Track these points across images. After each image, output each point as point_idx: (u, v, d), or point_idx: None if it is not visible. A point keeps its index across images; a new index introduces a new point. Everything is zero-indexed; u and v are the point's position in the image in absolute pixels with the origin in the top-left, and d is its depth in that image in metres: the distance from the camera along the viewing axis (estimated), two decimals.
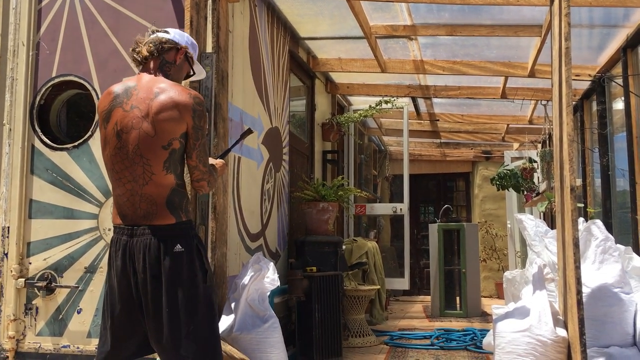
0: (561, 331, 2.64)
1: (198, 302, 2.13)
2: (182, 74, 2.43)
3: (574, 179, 2.60)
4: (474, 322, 6.27)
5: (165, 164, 2.17)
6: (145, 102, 2.19)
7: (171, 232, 2.15)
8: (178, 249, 2.12)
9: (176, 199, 2.19)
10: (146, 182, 2.17)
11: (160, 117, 2.16)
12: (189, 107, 2.18)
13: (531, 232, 3.51)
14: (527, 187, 6.59)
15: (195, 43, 2.49)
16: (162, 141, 2.16)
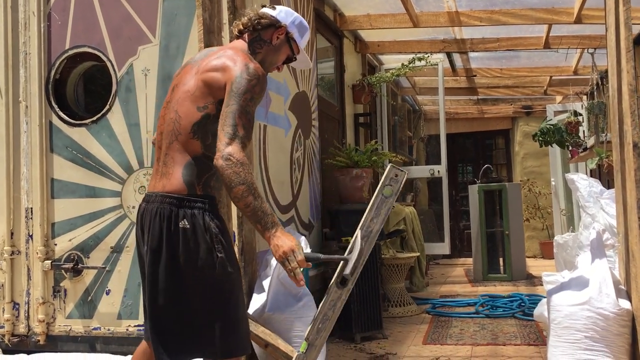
0: (624, 303, 2.39)
1: (198, 287, 1.91)
2: (278, 56, 2.17)
3: (637, 134, 2.31)
4: (520, 286, 6.02)
5: (194, 127, 1.95)
6: (204, 61, 2.01)
7: (179, 204, 1.92)
8: (183, 225, 1.90)
9: (196, 168, 1.95)
10: (171, 142, 1.98)
11: (205, 77, 1.96)
12: (233, 72, 1.92)
13: (584, 193, 3.22)
14: (572, 143, 6.23)
15: (305, 25, 2.21)
16: (198, 101, 1.96)
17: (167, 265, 1.90)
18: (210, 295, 1.90)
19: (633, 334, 2.41)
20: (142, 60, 3.27)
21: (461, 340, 3.74)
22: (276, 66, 2.21)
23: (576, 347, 2.40)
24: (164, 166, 1.99)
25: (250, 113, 1.90)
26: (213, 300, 1.91)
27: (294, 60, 2.23)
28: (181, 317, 1.92)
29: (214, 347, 1.91)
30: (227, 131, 1.85)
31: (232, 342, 1.92)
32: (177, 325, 1.92)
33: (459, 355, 3.35)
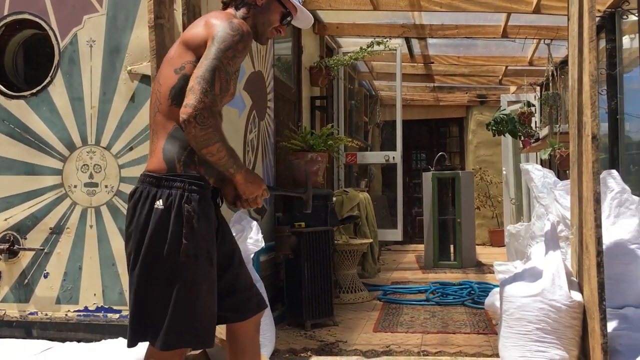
0: (576, 295, 2.39)
1: (161, 273, 1.79)
2: (269, 16, 2.03)
3: (596, 127, 2.29)
4: (469, 273, 6.09)
5: (172, 92, 1.81)
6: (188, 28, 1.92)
7: (157, 184, 1.80)
8: (157, 206, 1.77)
9: (178, 141, 1.81)
10: (154, 114, 1.87)
11: (185, 36, 1.87)
12: (215, 27, 1.80)
13: (538, 184, 3.22)
14: (524, 133, 6.30)
15: None
16: (175, 63, 1.83)
17: (136, 248, 1.79)
18: (169, 283, 1.78)
19: (584, 326, 2.41)
20: (87, 31, 3.07)
21: (412, 328, 3.72)
22: (274, 28, 2.06)
23: (527, 338, 2.39)
24: (151, 143, 1.90)
25: (229, 74, 1.78)
26: (170, 289, 1.78)
27: (290, 17, 2.07)
28: (140, 302, 1.81)
29: (157, 337, 1.79)
30: (203, 87, 1.72)
31: (180, 335, 1.80)
32: (137, 309, 1.83)
33: (409, 344, 3.32)
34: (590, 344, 2.35)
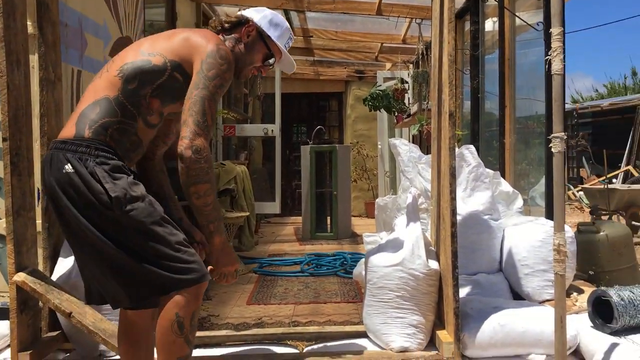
0: (433, 264, 2.53)
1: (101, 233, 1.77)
2: (253, 56, 2.09)
3: (453, 104, 2.41)
4: (344, 244, 6.26)
5: (127, 65, 1.85)
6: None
7: (62, 147, 1.81)
8: (67, 170, 1.77)
9: (96, 109, 1.82)
10: (93, 81, 1.91)
11: (173, 35, 1.96)
12: (205, 48, 1.89)
13: (405, 158, 3.36)
14: (398, 109, 6.54)
15: (279, 22, 2.13)
16: (147, 47, 1.91)
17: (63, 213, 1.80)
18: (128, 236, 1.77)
19: (440, 292, 2.56)
20: None
21: (285, 299, 3.76)
22: (255, 67, 2.12)
23: (388, 306, 2.50)
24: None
25: (216, 102, 1.85)
26: (135, 242, 1.77)
27: (273, 59, 2.14)
28: (95, 265, 1.83)
29: (112, 294, 1.85)
30: (196, 119, 1.78)
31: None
32: (97, 272, 1.83)
33: (281, 315, 3.36)
34: (445, 309, 2.50)
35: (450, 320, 2.43)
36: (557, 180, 2.06)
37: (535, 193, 4.20)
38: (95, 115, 1.81)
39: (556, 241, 2.04)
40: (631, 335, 2.36)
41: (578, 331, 2.46)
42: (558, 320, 2.07)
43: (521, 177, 4.59)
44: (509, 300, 2.84)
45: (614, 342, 2.28)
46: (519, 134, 4.48)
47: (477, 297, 2.80)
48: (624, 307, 2.36)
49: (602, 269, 3.37)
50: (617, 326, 2.36)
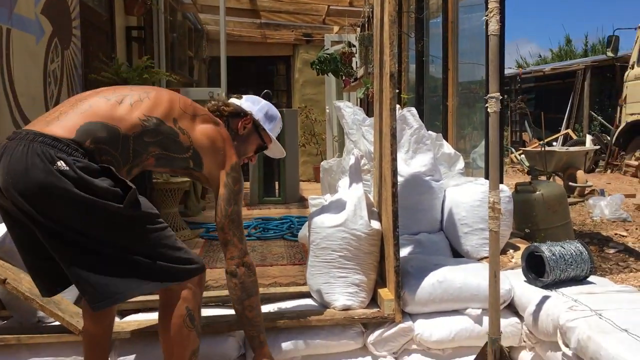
0: (375, 224, 2.57)
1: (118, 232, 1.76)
2: (247, 147, 2.18)
3: (394, 65, 2.42)
4: (292, 208, 6.28)
5: (150, 120, 1.85)
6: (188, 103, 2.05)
7: (54, 145, 1.69)
8: (61, 167, 1.67)
9: (103, 134, 1.77)
10: (107, 97, 1.87)
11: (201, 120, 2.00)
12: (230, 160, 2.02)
13: (349, 120, 3.37)
14: (345, 72, 6.53)
15: (274, 114, 2.23)
16: (176, 112, 1.93)
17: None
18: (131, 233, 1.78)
19: (381, 251, 2.61)
20: None
21: None
22: (247, 157, 2.17)
23: (331, 266, 2.53)
24: (58, 113, 1.79)
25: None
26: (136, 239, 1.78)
27: (265, 149, 2.23)
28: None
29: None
30: (240, 237, 1.97)
31: (160, 271, 1.78)
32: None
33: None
34: (386, 267, 2.56)
35: (391, 279, 2.49)
36: (492, 139, 2.11)
37: (476, 155, 4.30)
38: (101, 137, 1.74)
39: (491, 199, 2.10)
40: (562, 288, 2.47)
41: (512, 286, 2.56)
42: (492, 275, 2.14)
43: (465, 141, 4.69)
44: (448, 258, 2.93)
45: (546, 295, 2.39)
46: (463, 98, 4.55)
47: (418, 255, 2.87)
48: (555, 261, 2.47)
49: (538, 226, 3.51)
50: (548, 280, 2.47)
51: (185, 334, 1.83)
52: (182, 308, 1.82)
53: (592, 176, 9.33)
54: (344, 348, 2.47)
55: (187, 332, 1.84)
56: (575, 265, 2.51)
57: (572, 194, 6.99)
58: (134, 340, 2.34)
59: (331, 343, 2.44)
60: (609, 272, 3.54)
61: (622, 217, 5.33)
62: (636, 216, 5.56)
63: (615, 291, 2.46)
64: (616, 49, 10.49)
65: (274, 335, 2.42)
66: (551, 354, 2.28)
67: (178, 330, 1.82)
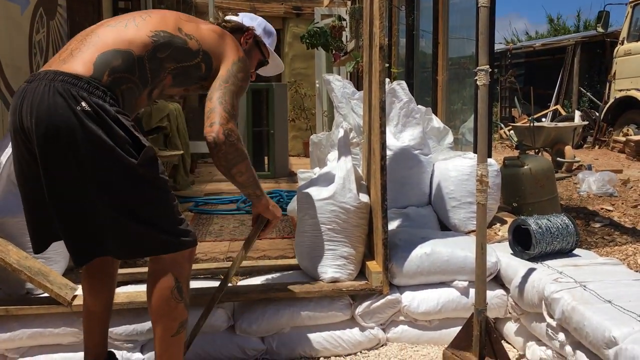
0: (364, 197, 2.58)
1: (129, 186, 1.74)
2: (250, 62, 2.14)
3: (384, 37, 2.40)
4: (281, 183, 6.28)
5: (160, 35, 1.83)
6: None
7: (75, 83, 1.68)
8: (83, 107, 1.66)
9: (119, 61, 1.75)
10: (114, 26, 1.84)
11: (210, 28, 2.01)
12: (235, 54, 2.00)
13: (338, 94, 3.35)
14: (335, 46, 6.49)
15: (271, 30, 2.24)
16: (184, 27, 1.92)
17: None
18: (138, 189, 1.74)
19: (370, 224, 2.62)
20: None
21: (220, 236, 3.77)
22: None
23: (320, 239, 2.54)
24: (75, 50, 1.74)
25: (238, 102, 1.94)
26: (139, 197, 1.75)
27: (266, 64, 2.25)
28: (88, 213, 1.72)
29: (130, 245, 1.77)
30: (226, 107, 1.86)
31: (158, 239, 1.77)
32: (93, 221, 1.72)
33: (216, 251, 3.37)
34: (374, 240, 2.57)
35: (379, 251, 2.51)
36: (481, 112, 2.11)
37: (465, 130, 4.31)
38: (117, 66, 1.72)
39: (479, 172, 2.11)
40: (547, 260, 2.50)
41: (499, 258, 2.59)
42: (479, 247, 2.16)
43: (454, 116, 4.69)
44: (435, 231, 2.95)
45: (531, 267, 2.42)
46: (453, 73, 4.54)
47: (406, 229, 2.89)
48: (541, 234, 2.50)
49: (525, 200, 3.53)
50: (534, 252, 2.50)
51: (173, 306, 1.82)
52: (170, 280, 1.80)
53: (580, 152, 9.38)
54: (332, 319, 2.50)
55: (175, 303, 1.82)
56: (561, 238, 2.54)
57: (560, 169, 7.04)
58: (123, 312, 2.35)
59: (319, 315, 2.47)
60: (594, 246, 3.59)
61: (609, 192, 5.38)
62: (622, 191, 5.61)
63: (599, 264, 2.49)
64: (606, 24, 10.47)
65: (263, 306, 2.44)
66: (536, 324, 2.32)
67: (166, 301, 1.81)
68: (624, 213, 4.61)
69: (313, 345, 2.47)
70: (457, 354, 2.21)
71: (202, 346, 2.39)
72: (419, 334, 2.55)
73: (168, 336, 1.84)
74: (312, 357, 2.47)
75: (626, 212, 4.66)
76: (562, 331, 2.13)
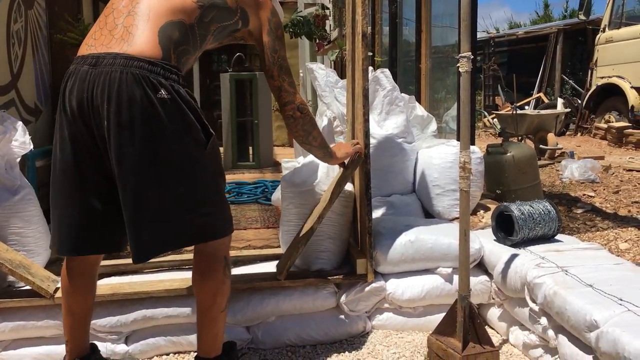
0: (348, 185, 2.58)
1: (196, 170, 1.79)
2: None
3: (366, 25, 2.39)
4: (266, 172, 6.26)
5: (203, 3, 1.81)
6: None
7: (151, 69, 1.68)
8: (162, 95, 1.68)
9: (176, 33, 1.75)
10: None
11: None
12: (268, 8, 2.00)
13: (322, 83, 3.34)
14: (319, 35, 6.46)
15: None
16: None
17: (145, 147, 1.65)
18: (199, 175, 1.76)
19: (354, 213, 2.62)
20: None
21: None
22: None
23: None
24: (128, 26, 1.70)
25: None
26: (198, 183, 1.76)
27: None
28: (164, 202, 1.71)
29: (193, 232, 1.76)
30: (290, 82, 1.99)
31: (217, 224, 1.82)
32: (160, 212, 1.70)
33: None
34: (359, 228, 2.58)
35: (363, 239, 2.51)
36: (463, 99, 2.11)
37: (448, 117, 4.32)
38: (177, 39, 1.71)
39: (462, 159, 2.11)
40: (530, 246, 2.52)
41: (482, 245, 2.60)
42: (462, 234, 2.18)
43: (438, 104, 4.70)
44: (419, 219, 2.96)
45: (514, 253, 2.44)
46: (436, 62, 4.54)
47: (390, 217, 2.90)
48: (524, 220, 2.52)
49: (508, 187, 3.56)
50: (517, 238, 2.52)
51: (223, 281, 1.89)
52: (221, 258, 1.87)
53: (563, 139, 9.46)
54: (318, 308, 2.50)
55: (225, 280, 1.89)
56: (544, 224, 2.56)
57: (543, 156, 7.10)
58: (106, 304, 2.34)
59: (305, 303, 2.47)
60: (576, 231, 3.63)
61: (591, 178, 5.43)
62: (604, 177, 5.68)
63: (581, 249, 2.52)
64: (588, 12, 10.54)
65: (247, 296, 2.44)
66: (519, 309, 2.34)
67: (218, 277, 1.87)
68: (606, 199, 4.66)
69: (298, 334, 2.47)
70: (441, 339, 2.22)
71: (185, 336, 2.38)
72: (404, 320, 2.57)
73: (218, 312, 1.91)
74: (298, 346, 2.48)
75: (607, 197, 4.71)
76: (544, 315, 2.15)
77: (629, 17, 9.91)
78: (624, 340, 1.69)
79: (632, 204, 4.40)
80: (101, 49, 1.68)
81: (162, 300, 2.38)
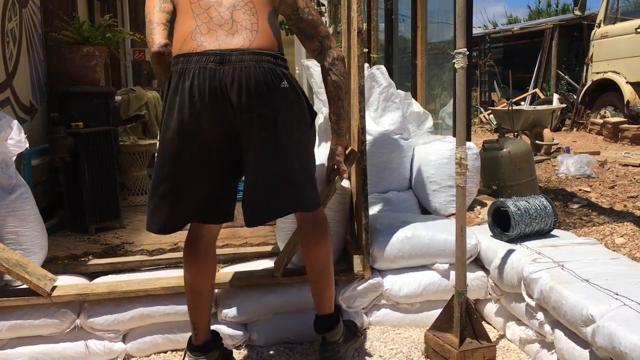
0: (345, 182, 2.58)
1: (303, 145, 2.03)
2: None
3: (361, 21, 2.39)
4: None
5: None
6: None
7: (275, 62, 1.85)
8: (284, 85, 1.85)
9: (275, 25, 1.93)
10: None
11: None
12: None
13: (317, 80, 3.33)
14: None
15: None
16: None
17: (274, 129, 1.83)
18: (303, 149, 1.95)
19: (350, 209, 2.63)
20: None
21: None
22: None
23: None
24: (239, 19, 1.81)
25: None
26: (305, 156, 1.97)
27: None
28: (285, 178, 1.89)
29: (308, 200, 1.96)
30: (330, 37, 2.10)
31: (319, 194, 2.04)
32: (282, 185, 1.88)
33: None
34: (356, 225, 2.58)
35: (360, 236, 2.51)
36: (459, 95, 2.12)
37: (444, 114, 4.33)
38: (277, 27, 1.86)
39: (458, 155, 2.12)
40: (526, 242, 2.53)
41: (478, 240, 2.61)
42: (459, 230, 2.18)
43: (434, 101, 4.71)
44: (416, 215, 2.97)
45: (511, 249, 2.45)
46: (432, 58, 4.55)
47: (386, 213, 2.90)
48: (520, 216, 2.52)
49: (505, 183, 3.57)
50: (513, 234, 2.53)
51: (331, 247, 2.12)
52: (326, 224, 2.10)
53: (559, 134, 9.48)
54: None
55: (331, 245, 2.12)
56: (540, 219, 2.57)
57: (539, 152, 7.12)
58: (104, 302, 2.34)
59: (302, 300, 2.47)
60: (572, 227, 3.64)
61: (587, 173, 5.45)
62: (600, 172, 5.69)
63: (577, 244, 2.53)
64: (583, 7, 10.55)
65: (245, 293, 2.44)
66: (515, 305, 2.35)
67: (329, 241, 2.09)
68: (602, 194, 4.68)
69: (296, 331, 2.47)
70: (438, 335, 2.23)
71: (183, 334, 2.39)
72: (401, 316, 2.58)
73: (332, 269, 2.15)
74: (296, 343, 2.48)
75: (603, 193, 4.73)
76: (541, 310, 2.16)
77: (624, 12, 9.92)
78: (620, 334, 1.70)
79: (627, 199, 4.42)
80: (222, 45, 1.78)
81: (159, 298, 2.38)
